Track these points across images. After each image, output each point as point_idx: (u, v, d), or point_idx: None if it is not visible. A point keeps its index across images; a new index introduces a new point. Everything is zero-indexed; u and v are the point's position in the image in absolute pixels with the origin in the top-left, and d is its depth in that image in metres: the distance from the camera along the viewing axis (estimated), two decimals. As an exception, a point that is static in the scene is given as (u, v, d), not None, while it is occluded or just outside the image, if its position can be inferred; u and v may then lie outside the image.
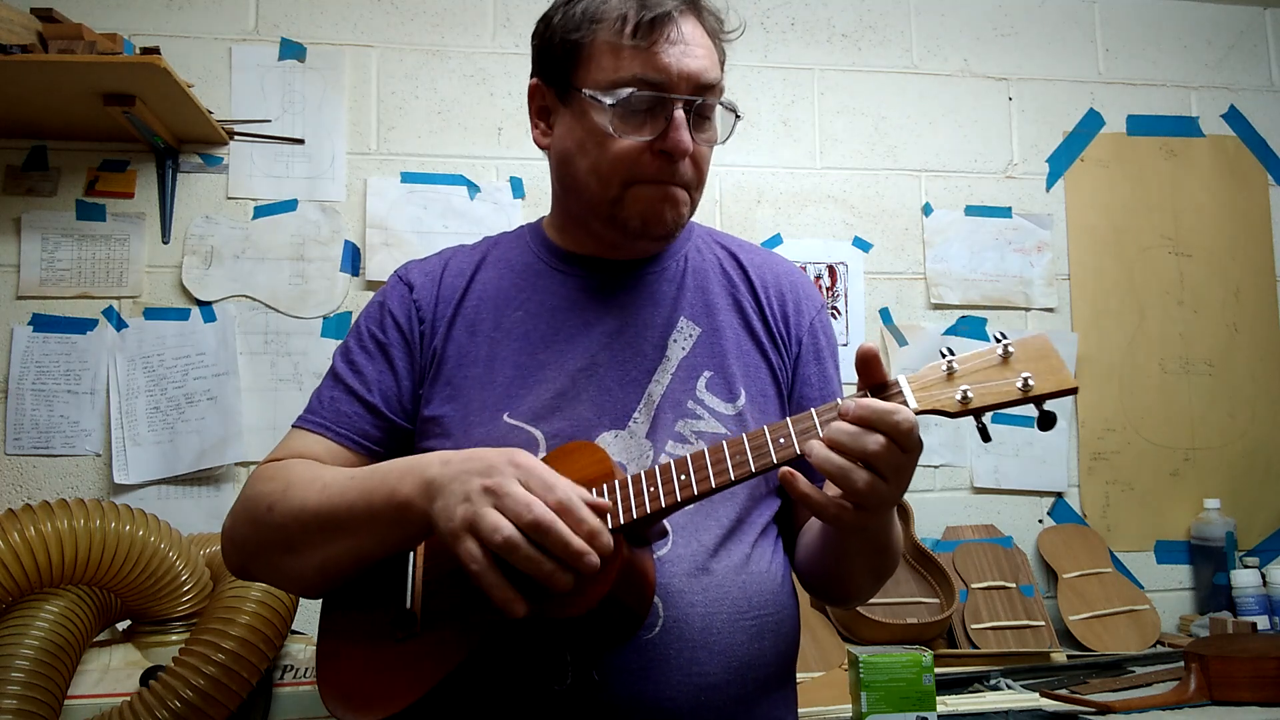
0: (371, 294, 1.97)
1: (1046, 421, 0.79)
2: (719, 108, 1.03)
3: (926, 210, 2.26)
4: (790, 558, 1.10)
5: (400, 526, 0.89)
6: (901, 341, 2.19)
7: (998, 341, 0.82)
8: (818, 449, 0.80)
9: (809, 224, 2.20)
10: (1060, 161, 2.33)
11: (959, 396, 0.80)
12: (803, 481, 0.82)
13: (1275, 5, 2.46)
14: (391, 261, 2.00)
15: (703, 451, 0.86)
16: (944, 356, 0.83)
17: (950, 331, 2.21)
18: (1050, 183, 2.32)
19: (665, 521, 0.92)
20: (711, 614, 0.94)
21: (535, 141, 1.10)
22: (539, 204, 2.08)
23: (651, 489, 0.85)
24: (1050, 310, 2.27)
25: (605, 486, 0.87)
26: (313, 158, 2.03)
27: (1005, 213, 2.28)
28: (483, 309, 1.07)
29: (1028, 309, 2.26)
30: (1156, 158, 2.36)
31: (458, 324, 1.07)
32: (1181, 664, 1.73)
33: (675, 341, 1.05)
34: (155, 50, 1.69)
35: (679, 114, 0.97)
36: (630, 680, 0.90)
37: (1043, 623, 1.97)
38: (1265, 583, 2.07)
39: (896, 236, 2.24)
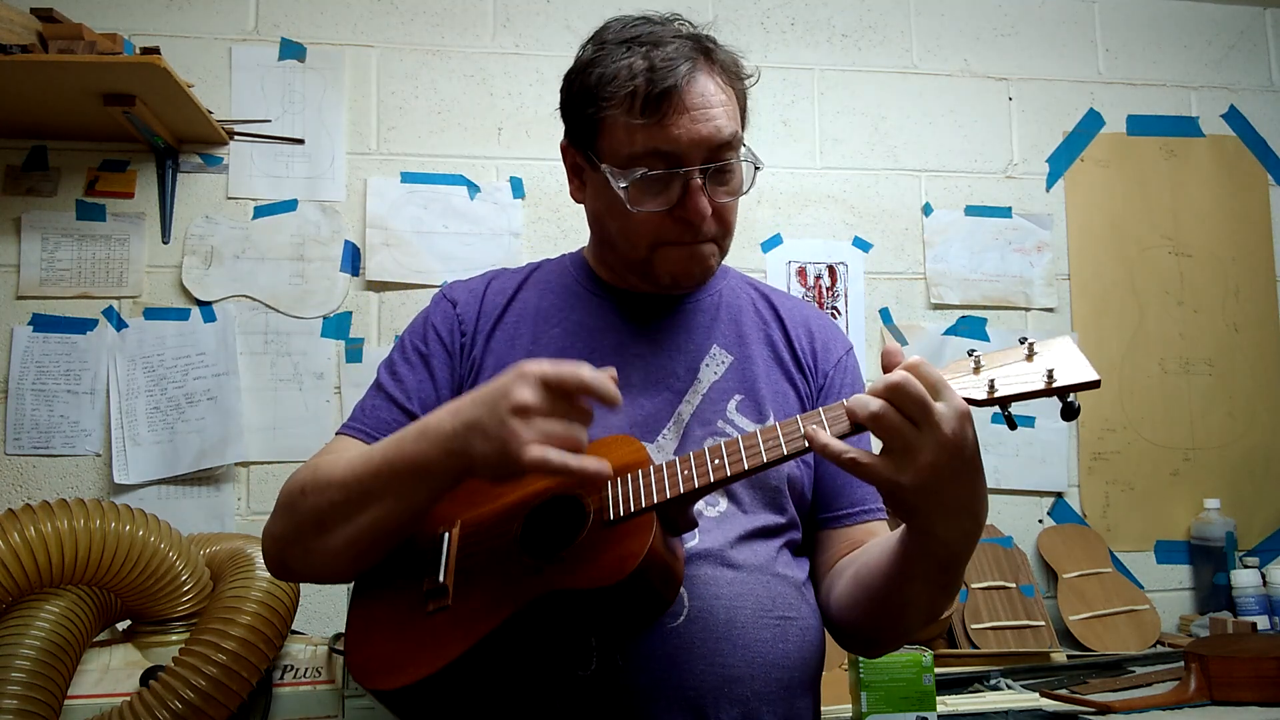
0: (372, 294, 2.01)
1: (1070, 412, 0.82)
2: (737, 162, 1.04)
3: (926, 210, 2.26)
4: (818, 601, 1.09)
5: (425, 485, 0.90)
6: (901, 341, 2.19)
7: (1022, 342, 0.85)
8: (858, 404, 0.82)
9: (809, 224, 2.20)
10: (1060, 161, 2.33)
11: (986, 385, 0.84)
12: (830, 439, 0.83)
13: (1275, 5, 2.46)
14: (391, 261, 2.00)
15: (736, 438, 0.88)
16: (970, 354, 0.87)
17: (950, 331, 2.21)
18: (1050, 183, 2.32)
19: (695, 517, 0.94)
20: (736, 608, 0.96)
21: (571, 196, 1.14)
22: (539, 204, 2.09)
23: (685, 471, 0.88)
24: (1050, 310, 2.27)
25: (641, 471, 0.90)
26: (313, 158, 2.03)
27: (1005, 213, 2.28)
28: (522, 324, 1.12)
29: (1028, 309, 2.26)
30: (1156, 158, 2.36)
31: (497, 336, 1.11)
32: (1181, 664, 1.73)
33: (707, 366, 1.09)
34: (155, 50, 1.68)
35: (694, 183, 1.00)
36: (654, 667, 0.91)
37: (1043, 623, 1.97)
38: (1265, 583, 2.07)
39: (896, 236, 2.24)
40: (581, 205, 1.15)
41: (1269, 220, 2.39)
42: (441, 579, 0.93)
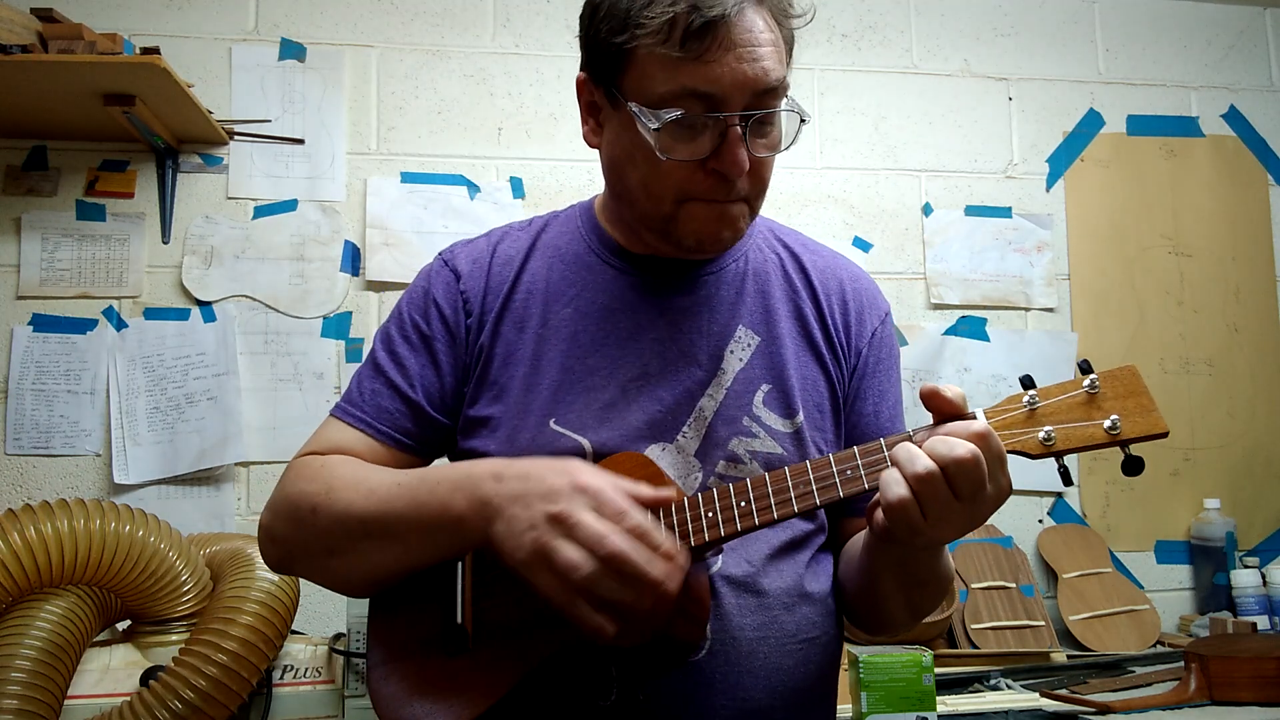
0: (372, 294, 2.00)
1: (1133, 467, 0.75)
2: (780, 113, 0.94)
3: (926, 210, 2.26)
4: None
5: (453, 538, 0.86)
6: (901, 341, 2.19)
7: (1084, 373, 0.77)
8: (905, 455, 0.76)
9: (809, 224, 2.20)
10: (1060, 161, 2.33)
11: (1042, 437, 0.77)
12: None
13: (1275, 5, 2.46)
14: (391, 261, 2.00)
15: (764, 478, 0.83)
16: (1025, 388, 0.79)
17: (950, 331, 2.21)
18: (1050, 183, 2.32)
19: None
20: (759, 639, 0.92)
21: (585, 139, 1.02)
22: (539, 204, 2.08)
23: (710, 514, 0.83)
24: (1050, 310, 2.27)
25: (661, 510, 0.84)
26: (313, 158, 2.03)
27: (1005, 213, 2.28)
28: (531, 303, 1.02)
29: (1028, 309, 2.26)
30: (1156, 158, 2.36)
31: (505, 319, 1.01)
32: (1181, 664, 1.73)
33: (732, 353, 1.00)
34: (155, 50, 1.69)
35: (734, 131, 0.88)
36: (675, 701, 0.89)
37: (1043, 623, 1.97)
38: (1265, 583, 2.07)
39: (896, 236, 2.24)
40: (596, 152, 1.04)
41: (1269, 220, 2.39)
42: (460, 619, 0.90)
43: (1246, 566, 2.14)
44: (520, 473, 0.82)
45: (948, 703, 1.59)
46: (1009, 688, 1.70)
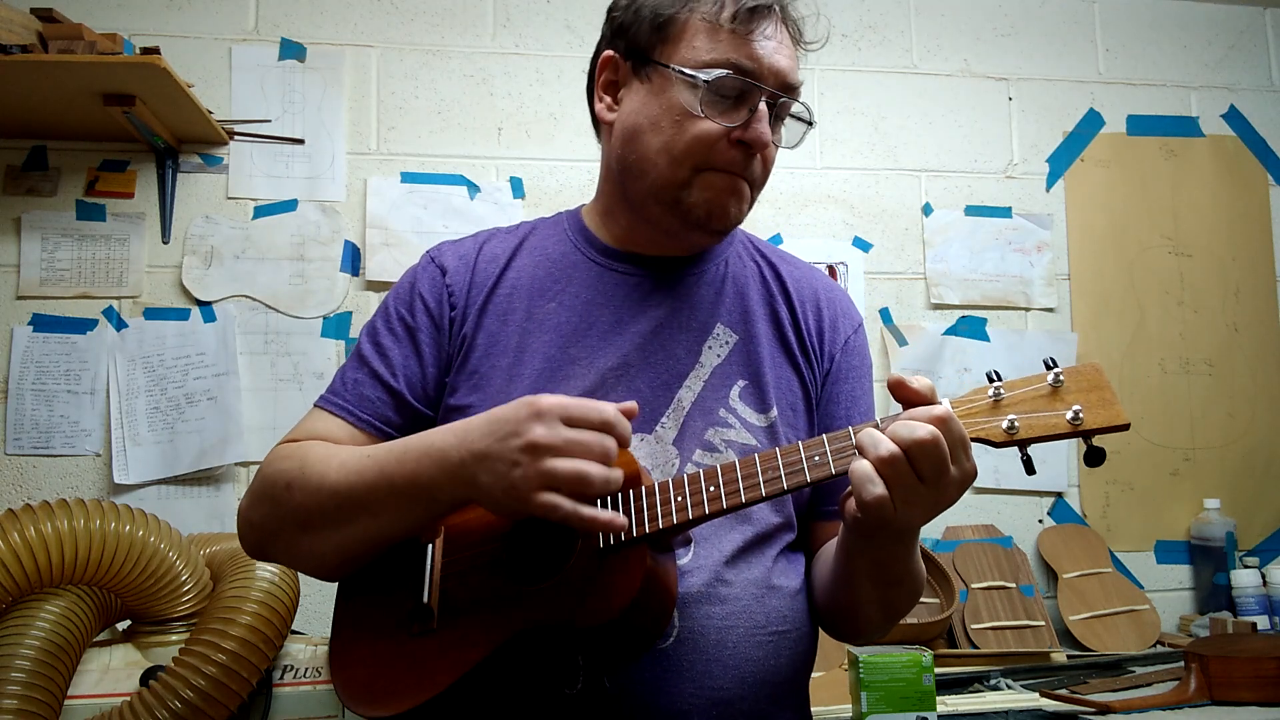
0: (372, 294, 2.00)
1: (1095, 457, 0.77)
2: (788, 116, 1.04)
3: (926, 210, 2.26)
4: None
5: (424, 506, 0.88)
6: (901, 341, 2.19)
7: (1048, 369, 0.80)
8: (869, 444, 0.78)
9: (809, 224, 2.20)
10: (1060, 161, 2.33)
11: (1005, 425, 0.78)
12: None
13: (1275, 5, 2.46)
14: (391, 261, 2.00)
15: (734, 463, 0.85)
16: (991, 381, 0.81)
17: (950, 331, 2.21)
18: (1050, 183, 2.32)
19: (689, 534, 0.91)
20: (727, 628, 0.92)
21: (599, 116, 1.07)
22: (539, 204, 2.08)
23: (679, 498, 0.84)
24: (1050, 310, 2.27)
25: (631, 493, 0.86)
26: (313, 158, 2.03)
27: (1005, 213, 2.28)
28: (516, 298, 1.05)
29: (1028, 309, 2.26)
30: (1156, 158, 2.36)
31: (489, 311, 1.04)
32: (1181, 664, 1.73)
33: (710, 348, 1.04)
34: (155, 50, 1.68)
35: (763, 107, 0.97)
36: (642, 689, 0.89)
37: (1043, 623, 1.97)
38: (1265, 583, 2.07)
39: (896, 236, 2.24)
40: (600, 144, 1.10)
41: (1269, 220, 2.39)
42: (426, 599, 0.90)
43: (1246, 566, 2.14)
44: (479, 424, 0.84)
45: (948, 703, 1.59)
46: (1009, 688, 1.70)
